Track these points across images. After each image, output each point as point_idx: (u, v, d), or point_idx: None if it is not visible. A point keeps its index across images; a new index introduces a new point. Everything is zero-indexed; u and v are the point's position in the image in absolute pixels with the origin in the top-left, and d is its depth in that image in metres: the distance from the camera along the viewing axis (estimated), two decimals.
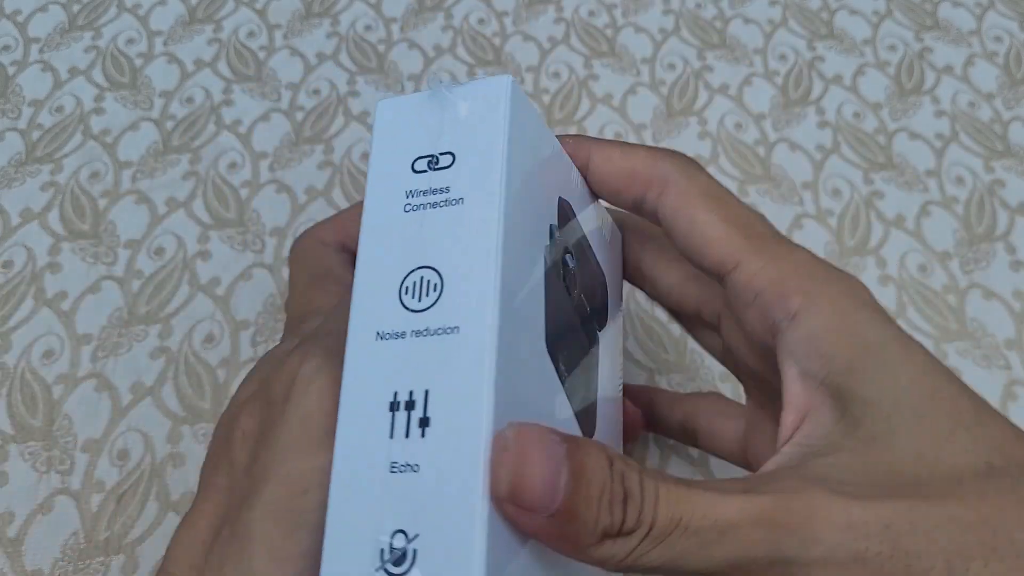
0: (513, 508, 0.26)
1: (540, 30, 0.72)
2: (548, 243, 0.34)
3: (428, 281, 0.30)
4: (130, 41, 0.71)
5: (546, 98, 0.68)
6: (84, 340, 0.56)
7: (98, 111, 0.67)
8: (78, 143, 0.65)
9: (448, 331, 0.29)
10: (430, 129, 0.33)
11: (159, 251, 0.60)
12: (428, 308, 0.29)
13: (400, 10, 0.73)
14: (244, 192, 0.63)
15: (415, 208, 0.31)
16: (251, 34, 0.72)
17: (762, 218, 0.35)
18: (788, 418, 0.32)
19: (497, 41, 0.71)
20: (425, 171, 0.32)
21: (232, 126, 0.66)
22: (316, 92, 0.68)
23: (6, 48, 0.70)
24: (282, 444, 0.32)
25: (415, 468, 0.27)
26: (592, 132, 0.65)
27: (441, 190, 0.31)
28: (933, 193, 0.63)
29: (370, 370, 0.29)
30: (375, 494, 0.28)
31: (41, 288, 0.58)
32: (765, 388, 0.38)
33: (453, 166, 0.32)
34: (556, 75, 0.69)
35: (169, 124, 0.66)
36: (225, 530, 0.33)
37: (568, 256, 0.36)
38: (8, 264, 0.59)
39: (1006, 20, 0.71)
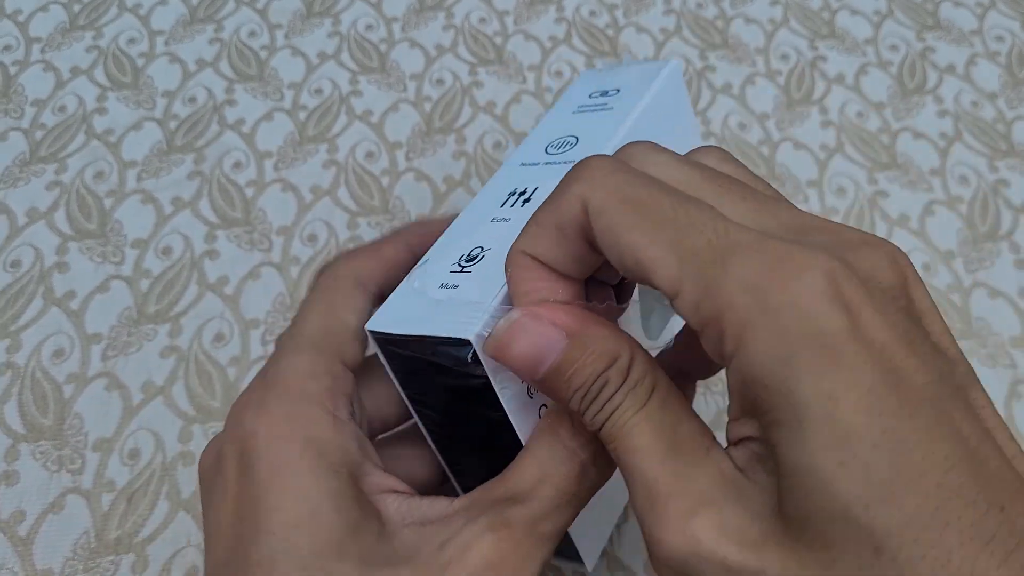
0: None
1: (541, 30, 0.72)
2: None
3: (567, 142, 0.44)
4: (131, 41, 0.71)
5: (548, 97, 0.68)
6: (94, 339, 0.56)
7: (100, 111, 0.66)
8: (81, 143, 0.65)
9: (567, 163, 0.41)
10: (609, 79, 0.48)
11: (166, 250, 0.60)
12: (560, 153, 0.43)
13: (401, 9, 0.73)
14: (250, 191, 0.63)
15: (579, 112, 0.46)
16: (252, 34, 0.71)
17: (696, 210, 0.29)
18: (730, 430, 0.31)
19: (498, 40, 0.71)
20: (596, 96, 0.47)
21: (235, 125, 0.66)
22: (318, 91, 0.68)
23: (8, 48, 0.70)
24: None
25: (507, 220, 0.39)
26: None
27: (601, 105, 0.46)
28: (937, 192, 0.63)
29: (508, 179, 0.43)
30: (477, 231, 0.40)
31: (50, 288, 0.58)
32: None
33: (616, 95, 0.46)
34: (558, 74, 0.69)
35: (172, 124, 0.66)
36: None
37: None
38: (16, 264, 0.59)
39: (1007, 20, 0.72)
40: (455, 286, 0.37)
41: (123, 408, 0.54)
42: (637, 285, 0.40)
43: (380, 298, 0.40)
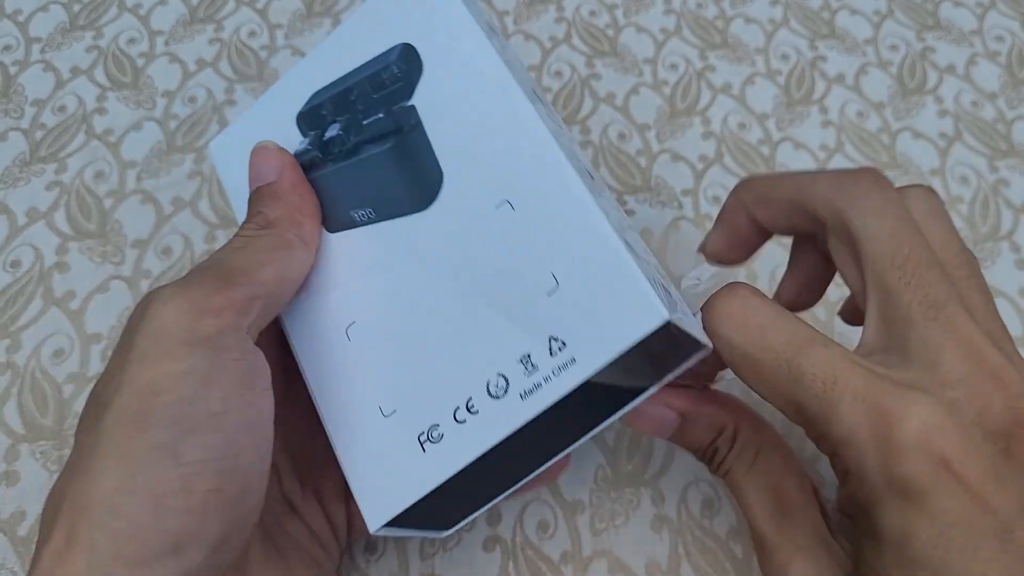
0: None
1: (541, 30, 0.72)
2: None
3: None
4: (131, 41, 0.71)
5: (548, 97, 0.68)
6: (94, 339, 0.56)
7: (100, 111, 0.66)
8: (81, 143, 0.64)
9: None
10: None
11: (167, 251, 0.60)
12: None
13: None
14: None
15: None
16: (252, 34, 0.71)
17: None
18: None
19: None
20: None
21: None
22: None
23: (7, 48, 0.70)
24: (135, 356, 0.34)
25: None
26: (595, 132, 0.65)
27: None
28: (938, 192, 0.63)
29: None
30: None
31: (49, 288, 0.58)
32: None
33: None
34: (558, 74, 0.69)
35: (172, 124, 0.66)
36: (79, 442, 0.35)
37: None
38: (16, 264, 0.59)
39: (1007, 20, 0.72)
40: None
41: None
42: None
43: None
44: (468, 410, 0.36)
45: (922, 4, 0.73)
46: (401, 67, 0.42)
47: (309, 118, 0.45)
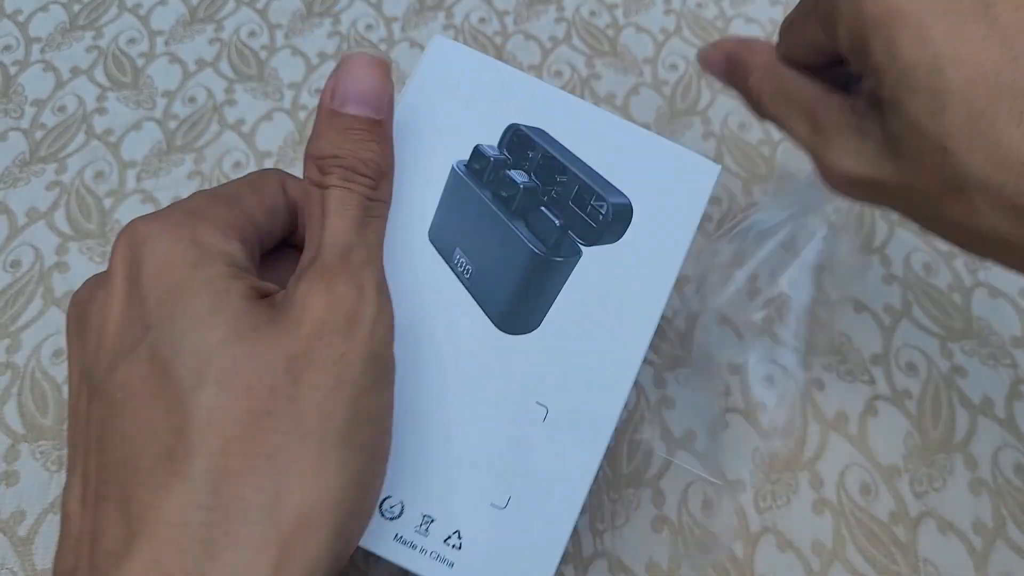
0: None
1: (541, 30, 0.72)
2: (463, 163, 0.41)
3: None
4: (131, 41, 0.71)
5: None
6: None
7: (100, 111, 0.66)
8: (81, 143, 0.64)
9: None
10: None
11: None
12: None
13: (401, 9, 0.73)
14: None
15: None
16: (252, 34, 0.71)
17: None
18: None
19: (498, 40, 0.71)
20: None
21: (235, 126, 0.66)
22: (319, 91, 0.68)
23: (7, 48, 0.70)
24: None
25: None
26: None
27: None
28: None
29: None
30: None
31: (49, 287, 0.58)
32: None
33: None
34: (559, 74, 0.69)
35: (172, 124, 0.66)
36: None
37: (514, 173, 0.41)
38: (16, 264, 0.59)
39: None
40: None
41: None
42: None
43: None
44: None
45: None
46: (611, 219, 0.40)
47: (519, 141, 0.41)
